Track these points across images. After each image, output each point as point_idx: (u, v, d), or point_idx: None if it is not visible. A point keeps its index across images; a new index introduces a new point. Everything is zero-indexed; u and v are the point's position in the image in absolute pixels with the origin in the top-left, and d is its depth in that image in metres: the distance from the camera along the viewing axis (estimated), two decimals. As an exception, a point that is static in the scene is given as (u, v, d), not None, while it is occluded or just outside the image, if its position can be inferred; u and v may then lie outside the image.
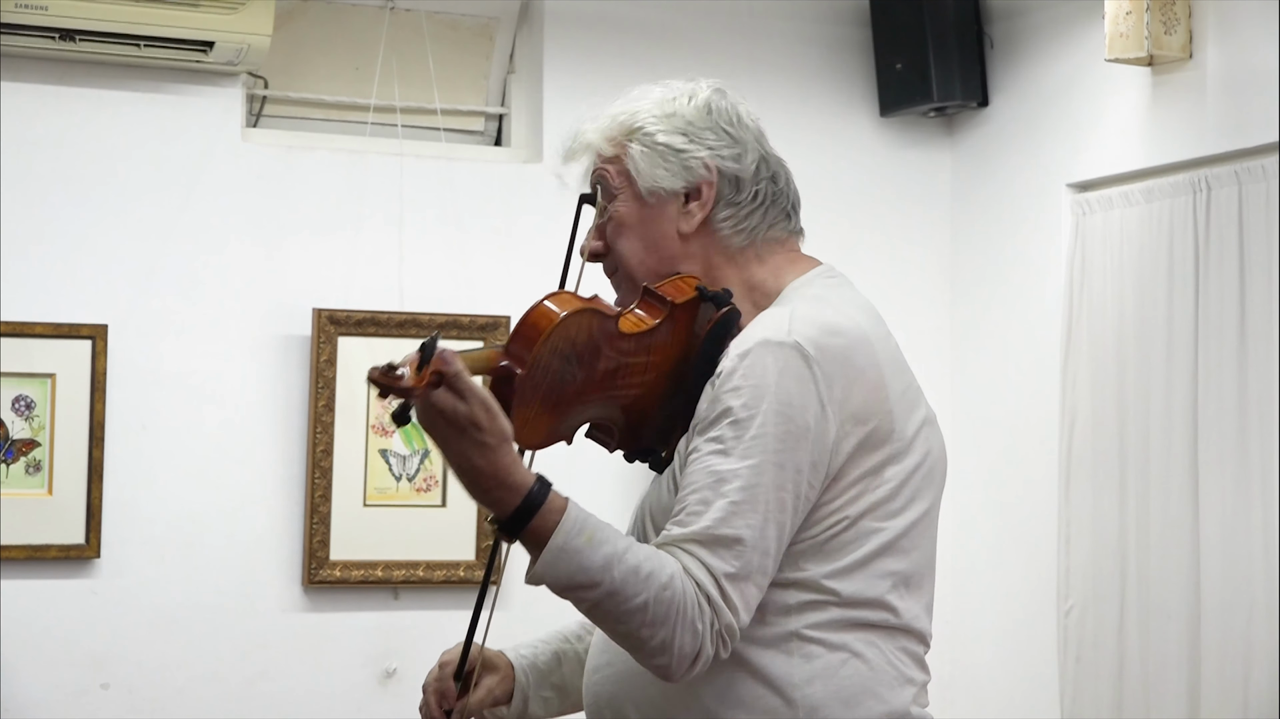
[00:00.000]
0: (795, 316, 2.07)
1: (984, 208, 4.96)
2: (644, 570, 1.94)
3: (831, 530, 2.06)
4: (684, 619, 1.95)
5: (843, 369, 2.05)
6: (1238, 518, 4.01)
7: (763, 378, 2.01)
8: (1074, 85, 4.62)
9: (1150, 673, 4.22)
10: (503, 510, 1.94)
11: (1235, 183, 4.08)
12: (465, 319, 4.57)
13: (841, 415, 2.04)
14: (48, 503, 4.28)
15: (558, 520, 1.94)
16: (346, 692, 4.51)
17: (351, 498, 4.49)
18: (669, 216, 2.20)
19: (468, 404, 1.89)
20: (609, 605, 1.95)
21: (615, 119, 2.22)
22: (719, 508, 1.98)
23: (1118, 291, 4.39)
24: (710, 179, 2.19)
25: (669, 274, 2.17)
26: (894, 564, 2.10)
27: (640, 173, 2.19)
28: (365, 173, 4.58)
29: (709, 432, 2.03)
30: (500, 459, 1.91)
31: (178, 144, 4.43)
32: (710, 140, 2.20)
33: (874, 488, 2.07)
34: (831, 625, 2.06)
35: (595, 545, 1.94)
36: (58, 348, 4.28)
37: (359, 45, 4.68)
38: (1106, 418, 4.38)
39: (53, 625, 4.29)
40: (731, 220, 2.20)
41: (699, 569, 1.97)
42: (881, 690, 2.08)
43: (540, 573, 1.96)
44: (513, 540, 1.96)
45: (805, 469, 2.02)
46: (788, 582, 2.05)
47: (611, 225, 2.22)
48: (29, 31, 4.18)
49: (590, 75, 4.73)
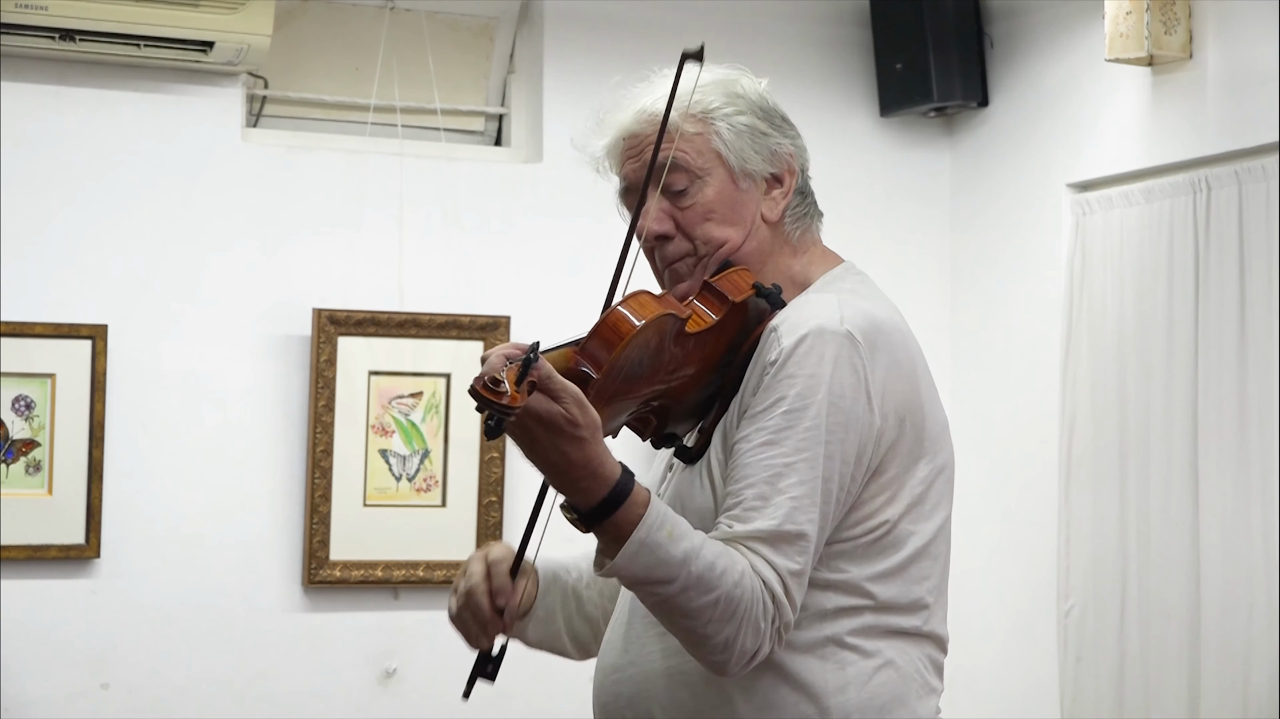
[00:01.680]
0: (844, 305, 2.04)
1: (984, 208, 4.96)
2: (719, 567, 1.90)
3: (874, 534, 2.04)
4: (749, 617, 1.92)
5: (886, 361, 2.02)
6: (1238, 518, 4.01)
7: (818, 367, 1.97)
8: (1074, 85, 4.62)
9: (1150, 673, 4.22)
10: (588, 500, 1.91)
11: (1235, 183, 4.08)
12: (465, 319, 4.57)
13: (884, 408, 2.01)
14: (48, 503, 4.28)
15: (641, 513, 1.90)
16: (346, 692, 4.51)
17: (351, 498, 4.49)
18: (755, 200, 2.15)
19: (562, 404, 1.87)
20: (681, 600, 1.91)
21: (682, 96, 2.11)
22: (779, 504, 1.94)
23: (1118, 291, 4.39)
24: (793, 167, 2.17)
25: (758, 262, 2.13)
26: (927, 569, 2.08)
27: (733, 153, 2.13)
28: (365, 173, 4.58)
29: (760, 420, 1.98)
30: (593, 450, 1.89)
31: (178, 144, 4.43)
32: (785, 128, 2.19)
33: (908, 487, 2.05)
34: (866, 632, 2.04)
35: (675, 540, 1.90)
36: (58, 348, 4.28)
37: (359, 45, 4.68)
38: (1106, 418, 4.38)
39: (53, 625, 4.29)
40: (795, 211, 2.18)
41: (764, 567, 1.93)
42: (910, 699, 2.06)
43: (619, 565, 1.91)
44: (588, 530, 1.93)
45: (851, 461, 1.99)
46: (826, 583, 2.02)
47: (698, 208, 2.13)
48: (29, 31, 4.18)
49: (590, 75, 4.73)
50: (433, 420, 4.55)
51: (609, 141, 2.17)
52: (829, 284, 2.14)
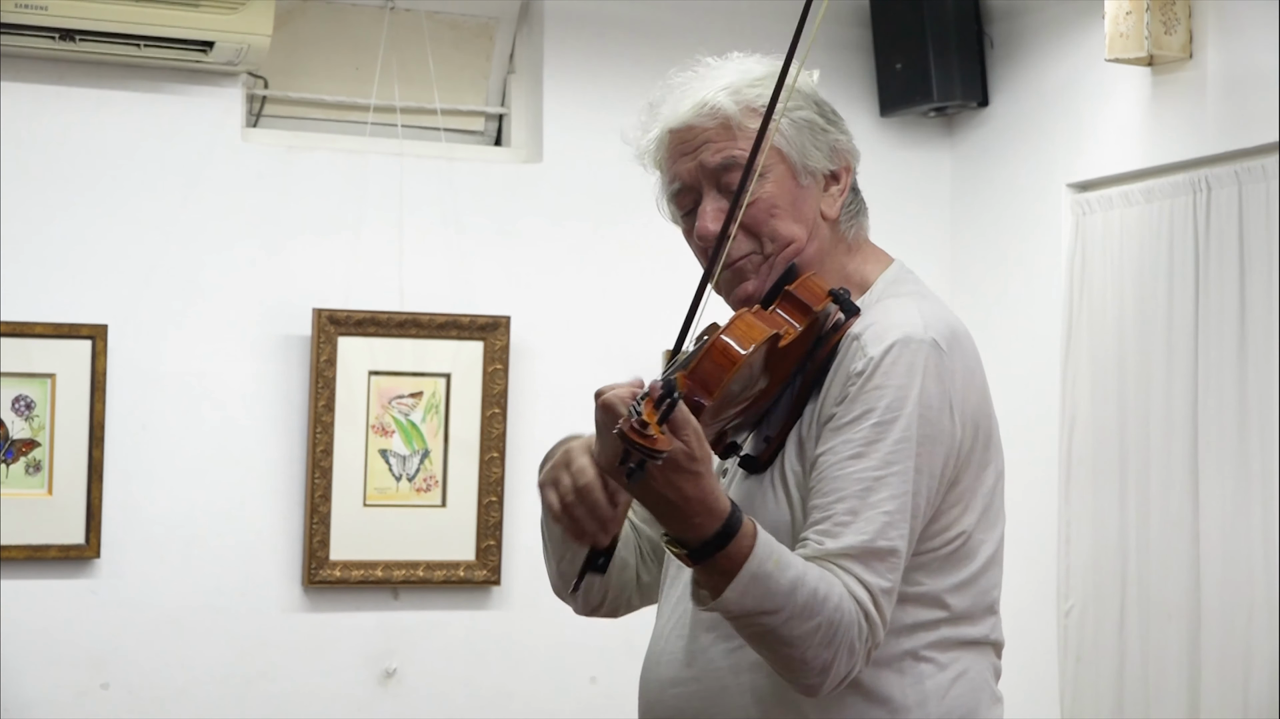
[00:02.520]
0: (924, 312, 1.98)
1: (984, 208, 4.96)
2: (820, 593, 1.84)
3: (952, 545, 1.99)
4: (846, 640, 1.86)
5: (962, 368, 1.98)
6: (1238, 518, 4.01)
7: (907, 378, 1.92)
8: (1074, 85, 4.61)
9: (1150, 673, 4.22)
10: (699, 535, 1.82)
11: (1235, 183, 4.08)
12: (465, 319, 4.56)
13: (963, 418, 1.97)
14: (48, 503, 4.28)
15: (751, 545, 1.82)
16: (346, 692, 4.51)
17: (351, 498, 4.49)
18: (815, 198, 2.07)
19: (683, 439, 1.78)
20: (784, 630, 1.84)
21: (742, 89, 2.04)
22: (871, 519, 1.89)
23: (1118, 291, 4.39)
24: (849, 163, 2.10)
25: (818, 262, 2.04)
26: (995, 576, 2.05)
27: (794, 150, 2.05)
28: (365, 173, 4.58)
29: (847, 432, 1.92)
30: (707, 485, 1.80)
31: (178, 144, 4.43)
32: (839, 122, 2.11)
33: (980, 495, 2.01)
34: (941, 644, 2.00)
35: (782, 569, 1.83)
36: (58, 348, 4.28)
37: (359, 45, 4.68)
38: (1106, 418, 4.38)
39: (53, 625, 4.29)
40: (850, 209, 2.12)
41: (858, 587, 1.87)
42: (982, 710, 2.03)
43: (730, 599, 1.83)
44: (694, 564, 1.84)
45: (937, 474, 1.94)
46: (904, 597, 1.96)
47: (761, 205, 2.02)
48: (29, 31, 4.18)
49: (590, 75, 4.73)
50: (433, 420, 4.55)
51: (658, 135, 2.08)
52: (893, 287, 2.08)
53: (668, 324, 5.27)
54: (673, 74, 2.11)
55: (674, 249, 5.38)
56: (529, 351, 4.65)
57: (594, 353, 4.69)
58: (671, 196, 2.10)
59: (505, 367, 4.58)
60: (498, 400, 4.57)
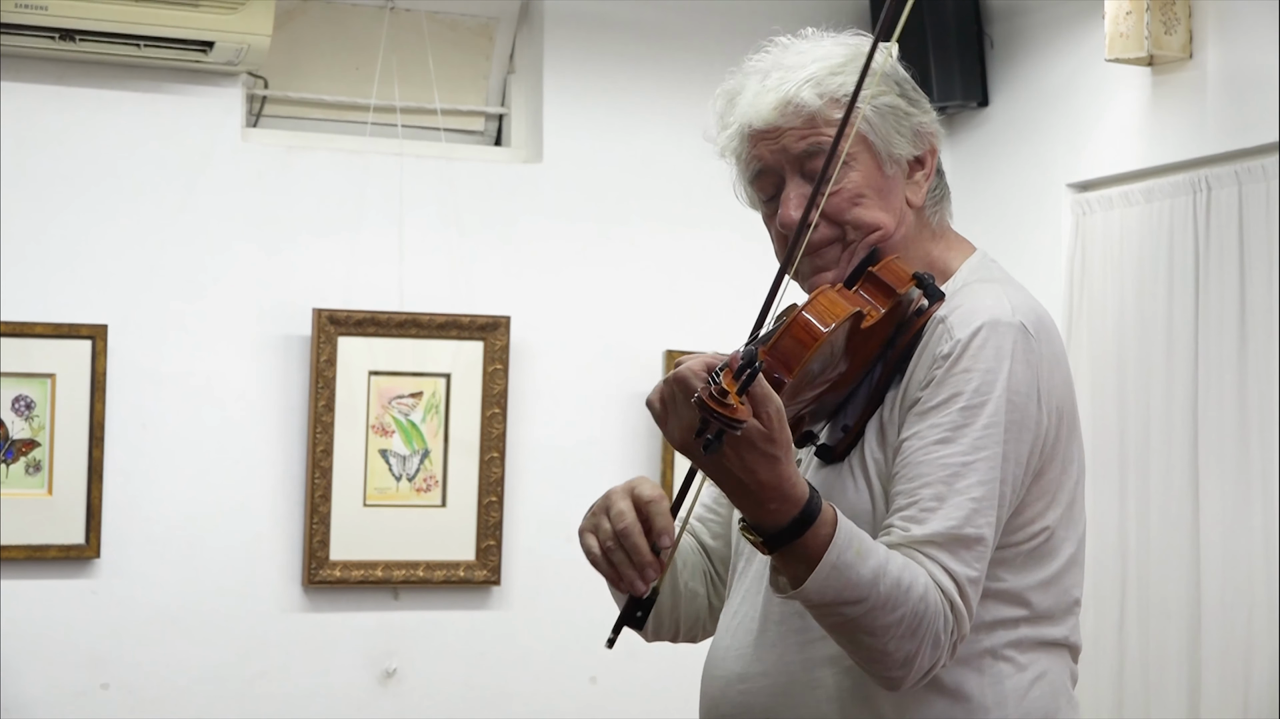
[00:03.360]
0: (1010, 297, 1.93)
1: (984, 208, 4.95)
2: (904, 582, 1.78)
3: (1035, 540, 1.93)
4: (931, 631, 1.79)
5: (1051, 354, 1.92)
6: (1238, 518, 4.01)
7: (995, 361, 1.86)
8: (1074, 85, 4.61)
9: (1150, 673, 4.22)
10: (776, 523, 1.75)
11: (1235, 183, 4.08)
12: (465, 319, 4.56)
13: (1050, 406, 1.91)
14: (48, 503, 4.28)
15: (830, 533, 1.75)
16: (346, 692, 4.51)
17: (351, 498, 4.49)
18: (901, 185, 2.02)
19: (762, 417, 1.70)
20: (866, 620, 1.78)
21: (824, 80, 1.99)
22: (958, 505, 1.82)
23: (1118, 291, 4.39)
24: (934, 145, 2.05)
25: (903, 250, 1.99)
26: (1077, 576, 1.98)
27: (879, 138, 2.00)
28: (365, 173, 4.58)
29: (933, 416, 1.86)
30: (785, 470, 1.73)
31: (178, 144, 4.43)
32: (921, 101, 2.05)
33: (1065, 489, 1.94)
34: (1021, 644, 1.93)
35: (864, 558, 1.76)
36: (58, 348, 4.28)
37: (359, 45, 4.68)
38: (1106, 418, 4.38)
39: (53, 625, 4.29)
40: (934, 195, 2.07)
41: (943, 575, 1.81)
42: (1061, 715, 1.96)
43: (810, 589, 1.76)
44: (771, 552, 1.78)
45: (1024, 463, 1.88)
46: (986, 592, 1.88)
47: (845, 193, 1.97)
48: (29, 31, 4.18)
49: (590, 75, 4.73)
50: (433, 420, 4.55)
51: (737, 130, 2.04)
52: (977, 273, 2.03)
53: (668, 324, 5.30)
54: (750, 60, 2.08)
55: (674, 249, 5.38)
56: (529, 351, 4.65)
57: (594, 353, 4.69)
58: (752, 179, 2.05)
59: (505, 367, 4.58)
60: (498, 400, 4.57)
